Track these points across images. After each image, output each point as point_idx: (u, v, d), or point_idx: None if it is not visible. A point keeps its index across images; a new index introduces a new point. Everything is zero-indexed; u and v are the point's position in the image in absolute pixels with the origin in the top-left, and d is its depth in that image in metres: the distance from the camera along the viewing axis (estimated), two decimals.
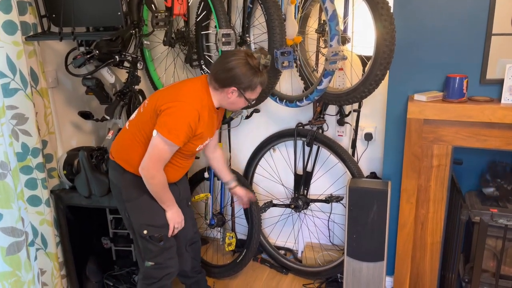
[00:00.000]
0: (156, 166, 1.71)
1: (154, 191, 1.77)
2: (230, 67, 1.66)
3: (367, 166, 2.43)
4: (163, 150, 1.68)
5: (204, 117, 1.70)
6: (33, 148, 2.02)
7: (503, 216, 1.69)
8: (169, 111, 1.65)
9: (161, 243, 1.86)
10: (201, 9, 2.28)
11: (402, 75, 1.98)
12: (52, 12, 2.05)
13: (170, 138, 1.64)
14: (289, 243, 2.80)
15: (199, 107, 1.68)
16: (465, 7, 1.81)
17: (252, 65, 1.66)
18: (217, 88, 1.73)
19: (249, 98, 1.75)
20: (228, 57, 1.68)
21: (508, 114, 1.71)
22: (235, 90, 1.69)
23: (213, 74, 1.72)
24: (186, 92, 1.70)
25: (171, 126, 1.64)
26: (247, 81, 1.67)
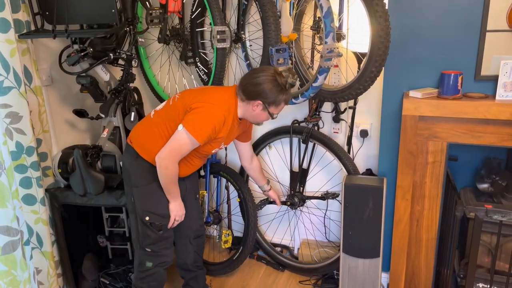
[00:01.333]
0: (174, 158, 1.79)
1: (164, 181, 1.84)
2: (259, 82, 1.74)
3: (362, 163, 2.43)
4: (184, 145, 1.76)
5: (228, 123, 1.80)
6: (28, 147, 2.01)
7: (497, 212, 1.70)
8: (199, 110, 1.74)
9: (160, 232, 1.94)
10: (196, 6, 2.27)
11: (397, 72, 1.98)
12: (46, 9, 2.03)
13: (194, 135, 1.72)
14: (285, 240, 2.81)
15: (226, 113, 1.78)
16: (459, 3, 1.81)
17: (280, 83, 1.74)
18: (243, 100, 1.81)
19: (272, 112, 1.82)
20: (258, 72, 1.77)
21: (502, 111, 1.71)
22: (260, 104, 1.78)
23: (242, 86, 1.80)
24: (217, 96, 1.81)
25: (198, 124, 1.73)
26: (272, 97, 1.76)
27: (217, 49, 2.05)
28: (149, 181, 1.89)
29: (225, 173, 2.52)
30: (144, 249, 1.97)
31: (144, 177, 1.90)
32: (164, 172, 1.81)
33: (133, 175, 1.92)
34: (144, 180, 1.90)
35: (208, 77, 2.32)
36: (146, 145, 1.88)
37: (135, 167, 1.91)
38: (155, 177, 1.85)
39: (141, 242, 1.98)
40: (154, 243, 1.96)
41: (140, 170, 1.90)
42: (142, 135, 1.91)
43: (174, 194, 1.92)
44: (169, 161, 1.79)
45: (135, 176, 1.92)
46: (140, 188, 1.91)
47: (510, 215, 1.68)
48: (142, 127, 1.94)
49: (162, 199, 1.92)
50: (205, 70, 2.36)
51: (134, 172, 1.91)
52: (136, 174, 1.91)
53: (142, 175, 1.90)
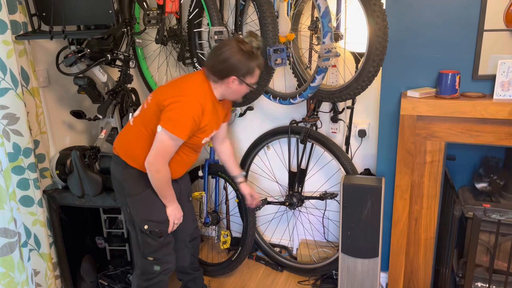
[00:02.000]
0: (162, 160, 1.74)
1: (158, 185, 1.79)
2: (225, 58, 1.68)
3: (361, 163, 2.43)
4: (168, 145, 1.71)
5: (207, 111, 1.74)
6: (25, 148, 2.00)
7: (496, 211, 1.70)
8: (173, 106, 1.68)
9: (161, 239, 1.89)
10: (193, 6, 2.27)
11: (395, 72, 1.98)
12: (42, 10, 2.03)
13: (175, 133, 1.68)
14: (284, 240, 2.81)
15: (202, 101, 1.71)
16: (457, 3, 1.81)
17: (246, 51, 1.68)
18: (216, 81, 1.75)
19: (250, 83, 1.76)
20: (221, 49, 1.70)
21: (500, 110, 1.72)
22: (235, 79, 1.72)
23: (209, 67, 1.74)
24: (188, 87, 1.74)
25: (175, 121, 1.67)
26: (244, 68, 1.69)
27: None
28: (142, 188, 1.83)
29: (223, 173, 2.51)
30: (146, 258, 1.91)
31: (136, 185, 1.84)
32: (156, 176, 1.76)
33: (125, 185, 1.86)
34: (137, 188, 1.84)
35: None
36: (132, 153, 1.82)
37: (126, 177, 1.85)
38: (148, 183, 1.80)
39: (142, 251, 1.91)
40: (156, 250, 1.90)
41: (132, 179, 1.84)
42: (126, 144, 1.85)
43: (170, 197, 1.86)
44: (158, 164, 1.73)
45: (127, 186, 1.85)
46: (134, 197, 1.85)
47: (508, 214, 1.68)
48: (124, 135, 1.89)
49: (159, 205, 1.86)
50: None
51: (126, 182, 1.85)
52: (129, 183, 1.85)
53: (135, 184, 1.84)
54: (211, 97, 1.77)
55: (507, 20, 1.77)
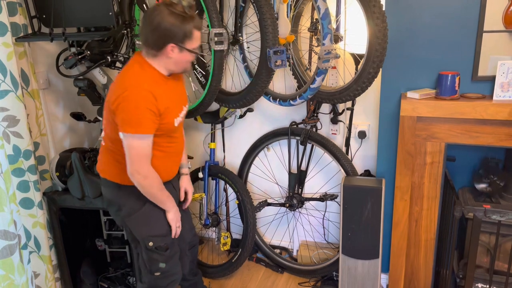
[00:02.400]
0: (142, 164, 1.63)
1: (151, 192, 1.70)
2: (156, 25, 1.53)
3: (361, 164, 2.43)
4: (139, 147, 1.60)
5: (159, 92, 1.59)
6: (25, 150, 2.00)
7: (496, 212, 1.70)
8: (121, 107, 1.55)
9: (167, 251, 1.82)
10: None
11: (394, 73, 1.99)
12: (42, 12, 2.03)
13: (138, 132, 1.56)
14: (284, 242, 2.81)
15: (148, 86, 1.57)
16: (456, 4, 1.82)
17: (177, 13, 1.54)
18: (155, 55, 1.61)
19: (191, 48, 1.61)
20: (150, 17, 1.55)
21: (500, 111, 1.72)
22: (174, 46, 1.57)
23: (144, 42, 1.60)
24: (127, 79, 1.60)
25: (131, 120, 1.55)
26: (180, 32, 1.55)
27: (214, 51, 2.04)
28: (140, 205, 1.74)
29: (224, 175, 2.51)
30: (153, 274, 1.84)
31: (134, 203, 1.74)
32: (145, 184, 1.66)
33: (123, 206, 1.76)
34: (135, 206, 1.75)
35: (206, 79, 2.32)
36: (118, 172, 1.72)
37: (122, 197, 1.75)
38: (145, 198, 1.72)
39: (149, 268, 1.84)
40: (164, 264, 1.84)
41: (128, 198, 1.74)
42: (108, 164, 1.76)
43: (168, 202, 1.77)
44: (141, 170, 1.63)
45: (125, 206, 1.76)
46: (134, 216, 1.76)
47: (509, 215, 1.68)
48: (102, 157, 1.80)
49: (160, 217, 1.79)
50: (202, 72, 2.36)
51: (123, 202, 1.76)
52: (126, 203, 1.75)
53: (132, 202, 1.74)
54: (157, 76, 1.63)
55: (506, 21, 1.77)
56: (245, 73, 2.42)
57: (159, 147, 1.71)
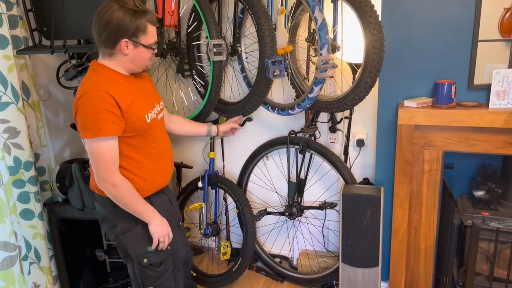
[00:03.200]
0: (108, 171, 1.56)
1: (123, 202, 1.61)
2: (107, 20, 1.50)
3: (360, 172, 2.45)
4: (103, 151, 1.53)
5: (118, 90, 1.54)
6: (26, 162, 2.02)
7: (494, 219, 1.71)
8: (79, 113, 1.51)
9: (161, 266, 1.77)
10: (192, 20, 2.30)
11: (391, 82, 2.01)
12: (43, 25, 2.06)
13: (96, 135, 1.50)
14: (284, 250, 2.81)
15: (103, 87, 1.51)
16: (451, 14, 1.85)
17: (128, 7, 1.51)
18: (111, 54, 1.56)
19: (147, 43, 1.58)
20: (100, 13, 1.52)
21: (496, 119, 1.74)
22: (127, 41, 1.53)
23: (97, 41, 1.56)
24: (82, 87, 1.55)
25: (88, 123, 1.50)
26: (132, 25, 1.51)
27: (213, 62, 2.07)
28: (135, 222, 1.68)
29: (223, 184, 2.52)
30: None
31: (129, 220, 1.68)
32: (114, 192, 1.58)
33: (117, 223, 1.70)
34: (130, 223, 1.69)
35: (205, 89, 2.34)
36: None
37: (116, 214, 1.68)
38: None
39: (142, 283, 1.78)
40: (157, 279, 1.78)
41: (122, 214, 1.67)
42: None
43: (146, 212, 1.65)
44: (108, 178, 1.56)
45: (119, 223, 1.70)
46: (128, 233, 1.70)
47: (507, 222, 1.69)
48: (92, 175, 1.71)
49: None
50: (202, 82, 2.38)
51: (117, 219, 1.70)
52: (120, 221, 1.69)
53: (127, 219, 1.68)
54: (113, 75, 1.58)
55: (502, 29, 1.79)
56: (244, 83, 2.44)
57: (139, 149, 1.66)
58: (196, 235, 2.94)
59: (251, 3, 1.95)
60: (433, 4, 1.86)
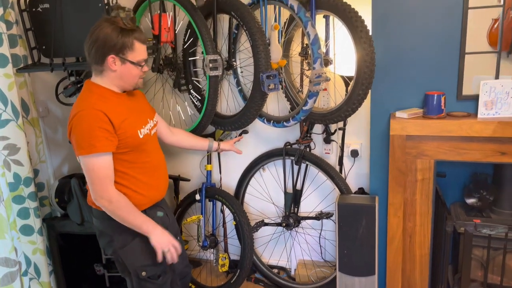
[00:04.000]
0: (104, 187, 1.58)
1: (121, 217, 1.63)
2: (95, 37, 1.56)
3: (354, 182, 2.49)
4: (98, 167, 1.56)
5: (110, 107, 1.58)
6: (25, 178, 2.04)
7: (486, 226, 1.76)
8: (73, 131, 1.55)
9: (160, 279, 1.78)
10: (188, 36, 2.35)
11: (383, 94, 2.06)
12: (42, 43, 2.10)
13: (91, 152, 1.53)
14: (282, 261, 2.83)
15: (96, 105, 1.56)
16: (439, 28, 1.91)
17: (116, 25, 1.55)
18: (101, 71, 1.61)
19: (135, 60, 1.60)
20: (91, 33, 1.58)
21: (485, 128, 1.79)
22: (114, 57, 1.57)
23: (88, 58, 1.62)
24: (76, 106, 1.60)
25: (82, 141, 1.53)
26: (118, 41, 1.55)
27: (209, 77, 2.12)
28: (133, 235, 1.69)
29: (220, 196, 2.55)
30: None
31: (127, 234, 1.69)
32: (111, 207, 1.60)
33: (116, 237, 1.71)
34: (128, 237, 1.70)
35: (202, 103, 2.38)
36: None
37: (114, 228, 1.69)
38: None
39: None
40: None
41: (120, 228, 1.68)
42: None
43: (145, 225, 1.65)
44: (104, 193, 1.58)
45: (117, 237, 1.71)
46: (127, 247, 1.71)
47: (498, 228, 1.74)
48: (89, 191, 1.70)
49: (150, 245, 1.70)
50: (198, 96, 2.43)
51: (115, 233, 1.71)
52: (119, 234, 1.71)
53: (125, 232, 1.69)
54: (106, 93, 1.62)
55: (490, 40, 1.85)
56: (240, 96, 2.49)
57: (133, 164, 1.68)
58: (194, 248, 2.96)
59: (245, 19, 2.01)
60: (421, 19, 1.92)
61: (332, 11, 1.93)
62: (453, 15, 1.87)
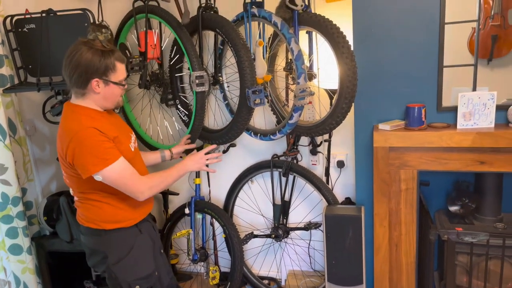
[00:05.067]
0: (136, 183, 1.66)
1: (164, 186, 1.75)
2: (76, 63, 1.57)
3: (341, 192, 2.53)
4: (120, 172, 1.62)
5: (100, 125, 1.62)
6: (13, 197, 2.04)
7: (468, 234, 1.81)
8: (77, 153, 1.57)
9: None
10: (174, 52, 2.38)
11: (366, 107, 2.11)
12: (28, 63, 2.11)
13: (107, 164, 1.58)
14: (272, 272, 2.85)
15: (88, 124, 1.59)
16: (417, 42, 1.97)
17: (96, 48, 1.58)
18: (83, 94, 1.63)
19: (117, 81, 1.65)
20: (69, 56, 1.59)
21: (464, 139, 1.85)
22: (98, 80, 1.60)
23: (69, 82, 1.63)
24: (66, 128, 1.62)
25: (93, 158, 1.56)
26: (101, 65, 1.58)
27: (196, 92, 2.15)
28: (128, 249, 1.73)
29: (210, 209, 2.57)
30: None
31: (121, 248, 1.73)
32: (155, 190, 1.71)
33: (109, 254, 1.73)
34: (123, 251, 1.73)
35: (189, 118, 2.41)
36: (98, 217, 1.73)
37: (108, 244, 1.73)
38: (131, 240, 1.75)
39: None
40: None
41: (114, 243, 1.72)
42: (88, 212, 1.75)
43: (177, 171, 1.80)
44: (141, 188, 1.66)
45: (111, 253, 1.73)
46: (122, 262, 1.73)
47: (480, 236, 1.79)
48: (80, 210, 1.79)
49: (144, 259, 1.79)
50: (185, 111, 2.45)
51: (109, 249, 1.73)
52: (113, 251, 1.73)
53: (119, 248, 1.73)
54: (92, 113, 1.65)
55: (470, 48, 1.91)
56: (226, 110, 2.52)
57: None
58: (185, 261, 2.96)
59: (230, 36, 2.05)
60: (400, 34, 1.98)
61: (315, 27, 1.98)
62: (430, 30, 1.94)
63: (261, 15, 2.04)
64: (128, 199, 1.73)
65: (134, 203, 1.76)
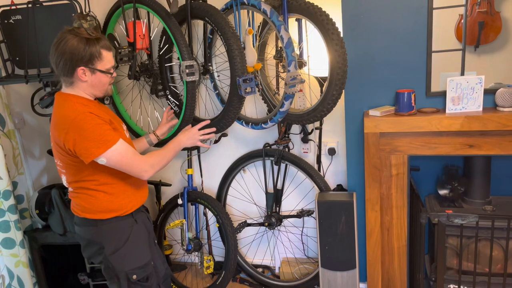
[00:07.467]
0: (138, 162, 1.68)
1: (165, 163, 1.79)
2: (62, 51, 1.58)
3: (333, 179, 2.55)
4: (122, 152, 1.63)
5: (95, 112, 1.62)
6: (4, 191, 2.03)
7: (458, 216, 1.84)
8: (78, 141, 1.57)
9: (148, 281, 1.81)
10: (163, 42, 2.36)
11: (356, 93, 2.13)
12: (16, 55, 2.08)
13: (109, 146, 1.59)
14: (266, 260, 2.87)
15: (83, 109, 1.60)
16: (406, 28, 1.98)
17: (81, 36, 1.58)
18: (72, 82, 1.64)
19: (104, 69, 1.65)
20: (55, 45, 1.60)
21: (453, 123, 1.88)
22: (83, 69, 1.61)
23: (56, 71, 1.64)
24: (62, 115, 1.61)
25: (95, 142, 1.57)
26: (86, 53, 1.59)
27: (186, 82, 2.14)
28: (125, 238, 1.74)
29: (202, 199, 2.58)
30: None
31: (118, 238, 1.73)
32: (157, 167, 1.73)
33: (106, 244, 1.73)
34: (120, 241, 1.73)
35: (180, 108, 2.39)
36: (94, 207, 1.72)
37: (104, 234, 1.73)
38: (127, 230, 1.75)
39: None
40: None
41: (110, 233, 1.73)
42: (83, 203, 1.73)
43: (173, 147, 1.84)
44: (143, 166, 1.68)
45: (108, 243, 1.73)
46: (117, 252, 1.73)
47: (469, 218, 1.82)
48: (75, 200, 1.77)
49: (140, 248, 1.79)
50: (176, 102, 2.44)
51: (106, 240, 1.73)
52: (109, 241, 1.73)
53: (116, 238, 1.73)
54: (83, 100, 1.66)
55: (457, 35, 1.93)
56: (217, 100, 2.52)
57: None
58: (179, 252, 2.97)
59: (219, 25, 2.04)
60: (389, 20, 2.00)
61: (304, 14, 1.97)
62: (418, 16, 1.95)
63: (251, 3, 2.03)
64: (123, 187, 1.74)
65: (129, 191, 1.77)
